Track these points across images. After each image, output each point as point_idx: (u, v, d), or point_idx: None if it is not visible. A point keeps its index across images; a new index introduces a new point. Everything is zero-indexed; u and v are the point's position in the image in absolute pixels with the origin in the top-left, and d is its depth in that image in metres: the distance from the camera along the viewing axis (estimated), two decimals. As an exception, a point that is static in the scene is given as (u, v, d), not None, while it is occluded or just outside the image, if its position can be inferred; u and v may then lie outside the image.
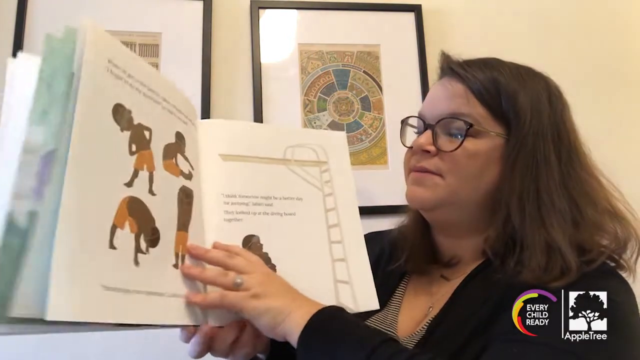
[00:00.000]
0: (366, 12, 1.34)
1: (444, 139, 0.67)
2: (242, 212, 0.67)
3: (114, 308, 0.46)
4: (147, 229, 0.53)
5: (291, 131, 0.83)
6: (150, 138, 0.56)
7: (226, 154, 0.69)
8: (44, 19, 1.18)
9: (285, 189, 0.71)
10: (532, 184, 0.62)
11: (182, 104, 0.64)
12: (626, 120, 1.40)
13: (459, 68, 0.68)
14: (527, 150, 0.63)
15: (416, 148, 0.68)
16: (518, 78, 0.66)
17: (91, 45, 0.48)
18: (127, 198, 0.51)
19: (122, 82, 0.53)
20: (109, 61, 0.51)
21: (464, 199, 0.66)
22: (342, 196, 0.75)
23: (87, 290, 0.43)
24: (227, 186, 0.67)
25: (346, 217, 0.74)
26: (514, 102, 0.64)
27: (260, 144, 0.73)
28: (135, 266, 0.50)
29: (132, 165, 0.53)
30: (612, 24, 1.46)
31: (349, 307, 0.67)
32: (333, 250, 0.70)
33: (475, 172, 0.65)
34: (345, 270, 0.70)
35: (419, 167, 0.67)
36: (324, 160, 0.76)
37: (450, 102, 0.67)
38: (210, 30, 1.25)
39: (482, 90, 0.65)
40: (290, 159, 0.74)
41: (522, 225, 0.61)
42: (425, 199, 0.67)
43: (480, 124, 0.65)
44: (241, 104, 1.25)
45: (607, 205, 0.64)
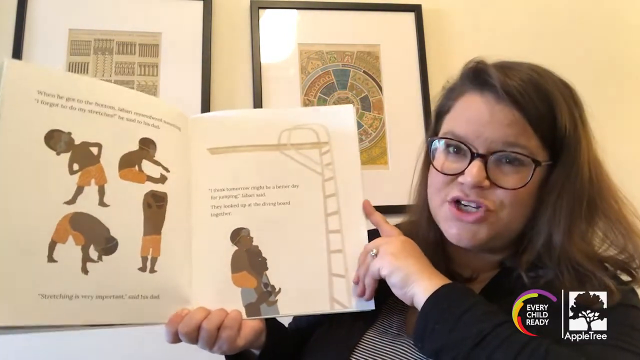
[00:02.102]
0: (366, 12, 1.34)
1: (497, 171, 0.61)
2: (230, 206, 0.66)
3: (55, 313, 0.53)
4: (98, 239, 0.58)
5: (289, 113, 0.77)
6: (99, 153, 0.60)
7: (215, 147, 0.68)
8: (44, 19, 1.18)
9: (279, 177, 0.68)
10: (577, 208, 0.61)
11: (152, 110, 0.66)
12: (626, 120, 1.40)
13: (514, 91, 0.60)
14: (572, 177, 0.61)
15: (469, 185, 0.61)
16: (567, 102, 0.62)
17: (11, 84, 0.55)
18: (69, 215, 0.56)
19: (58, 108, 0.58)
20: (39, 92, 0.57)
21: (514, 229, 0.64)
22: (344, 180, 0.69)
23: (23, 299, 0.52)
24: (214, 180, 0.67)
25: (347, 203, 0.69)
26: (564, 133, 0.61)
27: (253, 132, 0.70)
28: (83, 274, 0.56)
29: (75, 183, 0.58)
30: (612, 23, 1.46)
31: (342, 303, 0.64)
32: (330, 241, 0.67)
33: (528, 202, 0.62)
34: (342, 262, 0.66)
35: (471, 201, 0.62)
36: (324, 141, 0.71)
37: (506, 130, 0.60)
38: (210, 30, 1.25)
39: (540, 121, 0.60)
40: (285, 143, 0.70)
41: (563, 246, 0.60)
42: (479, 239, 0.62)
43: (537, 155, 0.61)
44: (241, 104, 1.25)
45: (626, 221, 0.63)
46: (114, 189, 0.60)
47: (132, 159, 0.63)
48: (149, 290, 0.60)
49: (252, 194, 0.67)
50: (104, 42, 1.21)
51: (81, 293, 0.55)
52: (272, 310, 0.64)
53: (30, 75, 0.58)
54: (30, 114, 0.56)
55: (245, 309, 0.63)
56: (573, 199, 0.61)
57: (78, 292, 0.55)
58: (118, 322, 0.58)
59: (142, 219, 0.61)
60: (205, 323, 0.60)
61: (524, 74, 0.61)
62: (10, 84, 0.55)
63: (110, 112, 0.62)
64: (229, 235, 0.65)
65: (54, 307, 0.53)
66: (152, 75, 1.22)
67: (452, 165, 0.64)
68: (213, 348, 0.61)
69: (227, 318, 0.61)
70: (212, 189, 0.67)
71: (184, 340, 0.60)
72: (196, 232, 0.65)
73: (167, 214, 0.63)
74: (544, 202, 0.62)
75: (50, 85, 0.58)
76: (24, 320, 0.52)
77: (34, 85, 0.57)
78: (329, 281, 0.65)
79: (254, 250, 0.65)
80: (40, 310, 0.53)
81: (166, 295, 0.61)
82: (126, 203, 0.61)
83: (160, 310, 0.60)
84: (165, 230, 0.62)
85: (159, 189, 0.64)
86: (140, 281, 0.59)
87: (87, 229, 0.57)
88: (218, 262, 0.65)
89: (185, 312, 0.61)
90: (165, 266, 0.61)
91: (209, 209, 0.66)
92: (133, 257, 0.60)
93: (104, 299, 0.56)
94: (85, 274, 0.56)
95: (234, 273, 0.65)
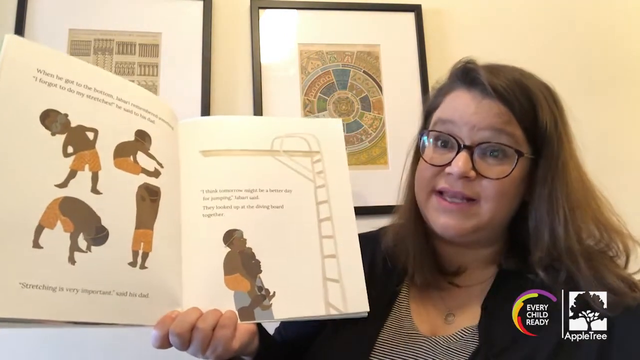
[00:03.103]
0: (366, 12, 1.34)
1: (482, 162, 0.63)
2: (223, 207, 0.65)
3: (35, 305, 0.48)
4: (88, 227, 0.54)
5: (281, 121, 0.78)
6: (95, 138, 0.58)
7: (207, 150, 0.68)
8: (44, 19, 1.18)
9: (272, 181, 0.68)
10: (574, 203, 0.63)
11: (149, 104, 0.65)
12: (626, 120, 1.40)
13: (500, 88, 0.63)
14: (560, 172, 0.63)
15: (456, 175, 0.63)
16: (547, 101, 0.65)
17: (11, 59, 0.53)
18: (59, 199, 0.53)
19: (57, 89, 0.56)
20: (38, 70, 0.55)
21: (499, 221, 0.66)
22: (335, 188, 0.71)
23: (2, 287, 0.47)
24: (207, 182, 0.66)
25: (339, 210, 0.70)
26: (545, 128, 0.64)
27: (245, 137, 0.70)
28: (70, 264, 0.52)
29: (68, 167, 0.55)
30: (612, 23, 1.45)
31: (338, 307, 0.64)
32: (324, 246, 0.67)
33: (512, 195, 0.64)
34: (336, 267, 0.66)
35: (456, 192, 0.64)
36: (315, 150, 0.72)
37: (493, 119, 0.63)
38: (210, 30, 1.25)
39: (523, 115, 0.63)
40: (278, 149, 0.70)
41: (568, 240, 0.61)
42: (465, 229, 0.64)
43: (520, 147, 0.63)
44: (241, 104, 1.25)
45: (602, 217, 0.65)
46: (108, 177, 0.58)
47: (127, 149, 0.61)
48: (138, 288, 0.56)
49: (245, 196, 0.66)
50: (104, 42, 1.21)
51: (66, 285, 0.51)
52: (266, 315, 0.62)
53: (31, 53, 0.56)
54: (28, 91, 0.54)
55: (238, 312, 0.61)
56: (566, 193, 0.63)
57: (63, 284, 0.51)
58: (103, 320, 0.54)
59: (134, 211, 0.59)
60: (200, 322, 0.58)
61: (509, 75, 0.65)
62: (10, 60, 0.53)
63: (108, 100, 0.61)
64: (222, 237, 0.64)
65: (35, 299, 0.48)
66: (152, 75, 1.22)
67: (440, 157, 0.66)
68: (207, 351, 0.59)
69: (223, 317, 0.59)
70: (204, 190, 0.66)
71: (174, 343, 0.58)
72: (186, 232, 0.63)
73: (160, 210, 0.61)
74: (537, 198, 0.64)
75: (50, 65, 0.56)
76: (1, 311, 0.47)
77: (34, 63, 0.55)
78: (324, 285, 0.65)
79: (247, 253, 0.64)
80: (19, 301, 0.48)
81: (156, 294, 0.58)
82: (119, 193, 0.59)
83: (149, 310, 0.57)
84: (157, 226, 0.60)
85: (153, 183, 0.62)
86: (130, 277, 0.56)
87: (77, 216, 0.54)
88: (210, 263, 0.63)
89: (176, 313, 0.58)
90: (156, 263, 0.59)
91: (200, 209, 0.65)
92: (124, 250, 0.57)
93: (90, 294, 0.52)
94: (72, 264, 0.52)
95: (226, 275, 0.63)
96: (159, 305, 0.58)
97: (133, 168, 0.61)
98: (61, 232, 0.52)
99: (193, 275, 0.62)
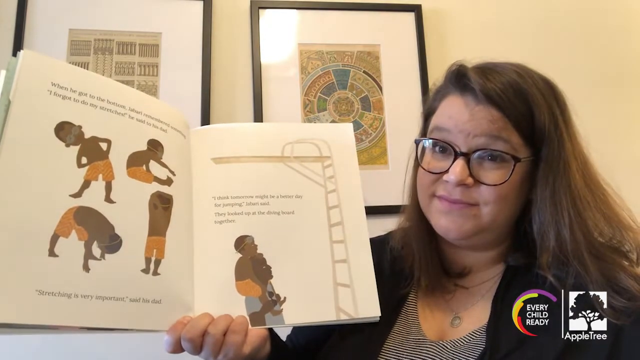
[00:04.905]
0: (366, 12, 1.34)
1: (480, 168, 0.63)
2: (234, 213, 0.66)
3: (50, 311, 0.50)
4: (101, 236, 0.56)
5: (292, 127, 0.79)
6: (108, 149, 0.60)
7: (219, 157, 0.68)
8: (44, 19, 1.18)
9: (283, 187, 0.69)
10: (577, 202, 0.62)
11: (160, 114, 0.66)
12: (626, 121, 1.40)
13: (492, 93, 0.62)
14: (562, 173, 0.63)
15: (453, 183, 0.63)
16: (546, 99, 0.64)
17: (26, 73, 0.55)
18: (74, 208, 0.55)
19: (71, 101, 0.58)
20: (53, 84, 0.57)
21: (501, 223, 0.65)
22: (346, 193, 0.71)
23: (19, 295, 0.49)
24: (218, 188, 0.67)
25: (350, 215, 0.70)
26: (544, 129, 0.63)
27: (257, 143, 0.71)
28: (84, 272, 0.54)
29: (82, 177, 0.57)
30: (612, 23, 1.46)
31: (348, 312, 0.64)
32: (334, 251, 0.67)
33: (513, 198, 0.64)
34: (347, 272, 0.66)
35: (455, 200, 0.63)
36: (326, 155, 0.73)
37: (489, 125, 0.62)
38: (210, 30, 1.25)
39: (519, 119, 0.62)
40: (289, 155, 0.71)
41: (574, 241, 0.61)
42: (465, 231, 0.64)
43: (517, 152, 0.62)
44: (241, 104, 1.25)
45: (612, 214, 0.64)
46: (121, 186, 0.60)
47: (140, 159, 0.62)
48: (151, 294, 0.58)
49: (257, 202, 0.67)
50: (104, 42, 1.21)
51: (80, 292, 0.53)
52: (277, 320, 0.63)
53: (45, 67, 0.58)
54: (43, 104, 0.56)
55: (249, 318, 0.62)
56: (570, 194, 0.62)
57: (77, 290, 0.53)
58: (117, 326, 0.55)
59: (147, 219, 0.60)
60: (211, 328, 0.58)
61: (504, 76, 0.63)
62: (25, 74, 0.55)
63: (121, 111, 0.62)
64: (233, 243, 0.65)
65: (51, 305, 0.50)
66: (152, 75, 1.22)
67: (437, 164, 0.66)
68: (218, 356, 0.59)
69: (234, 323, 0.60)
70: (215, 197, 0.66)
71: (187, 348, 0.59)
72: (198, 238, 0.64)
73: (172, 217, 0.62)
74: (540, 199, 0.63)
75: (64, 79, 0.58)
76: (18, 318, 0.49)
77: (49, 77, 0.57)
78: (335, 290, 0.65)
79: (258, 258, 0.65)
80: (36, 307, 0.50)
81: (168, 300, 0.59)
82: (132, 201, 0.60)
83: (162, 316, 0.58)
84: (170, 233, 0.61)
85: (165, 191, 0.63)
86: (143, 283, 0.58)
87: (91, 224, 0.56)
88: (221, 269, 0.64)
89: (188, 319, 0.59)
90: (169, 270, 0.60)
91: (212, 216, 0.65)
92: (137, 257, 0.58)
93: (104, 300, 0.54)
94: (86, 272, 0.54)
95: (238, 280, 0.63)
96: (172, 311, 0.59)
97: (145, 177, 0.62)
98: (76, 241, 0.54)
99: (205, 281, 0.63)
